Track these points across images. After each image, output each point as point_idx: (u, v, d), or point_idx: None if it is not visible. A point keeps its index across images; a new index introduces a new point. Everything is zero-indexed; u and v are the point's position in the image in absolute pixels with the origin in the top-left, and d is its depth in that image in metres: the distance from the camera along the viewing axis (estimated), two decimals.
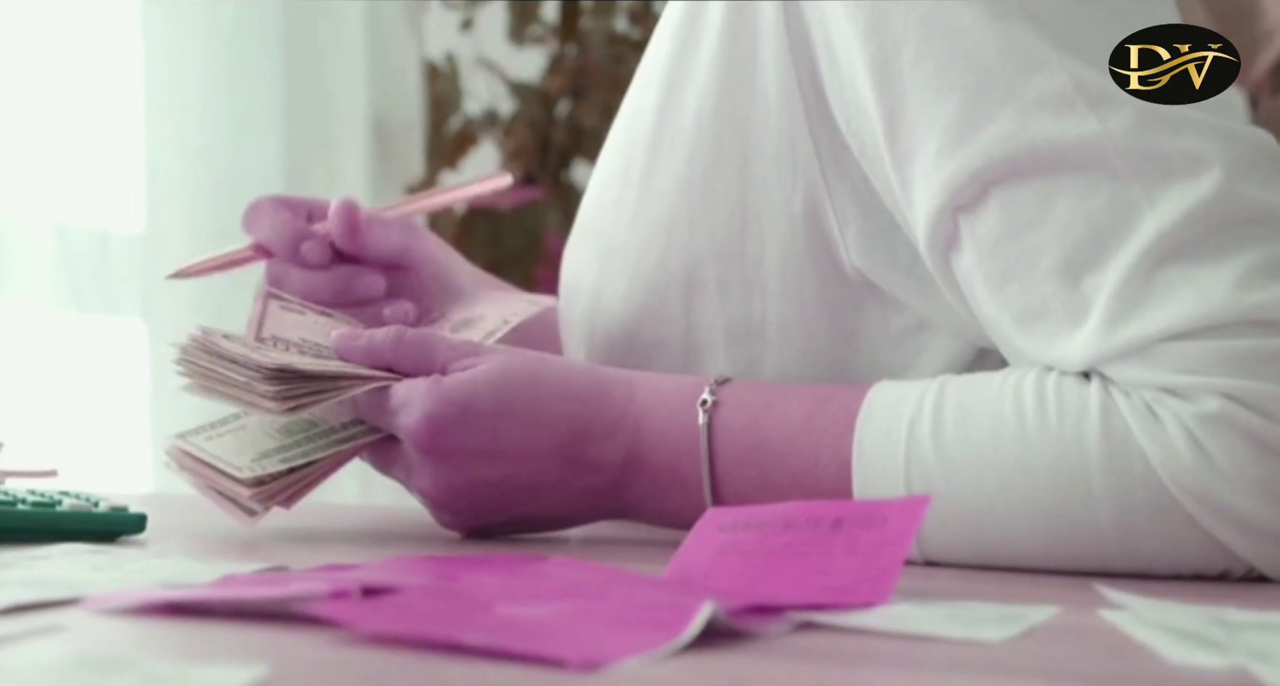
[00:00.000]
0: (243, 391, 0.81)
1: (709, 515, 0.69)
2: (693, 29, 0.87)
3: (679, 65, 0.87)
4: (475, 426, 0.79)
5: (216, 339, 0.83)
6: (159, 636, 0.52)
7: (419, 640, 0.49)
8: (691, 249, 0.86)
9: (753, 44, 0.83)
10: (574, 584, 0.60)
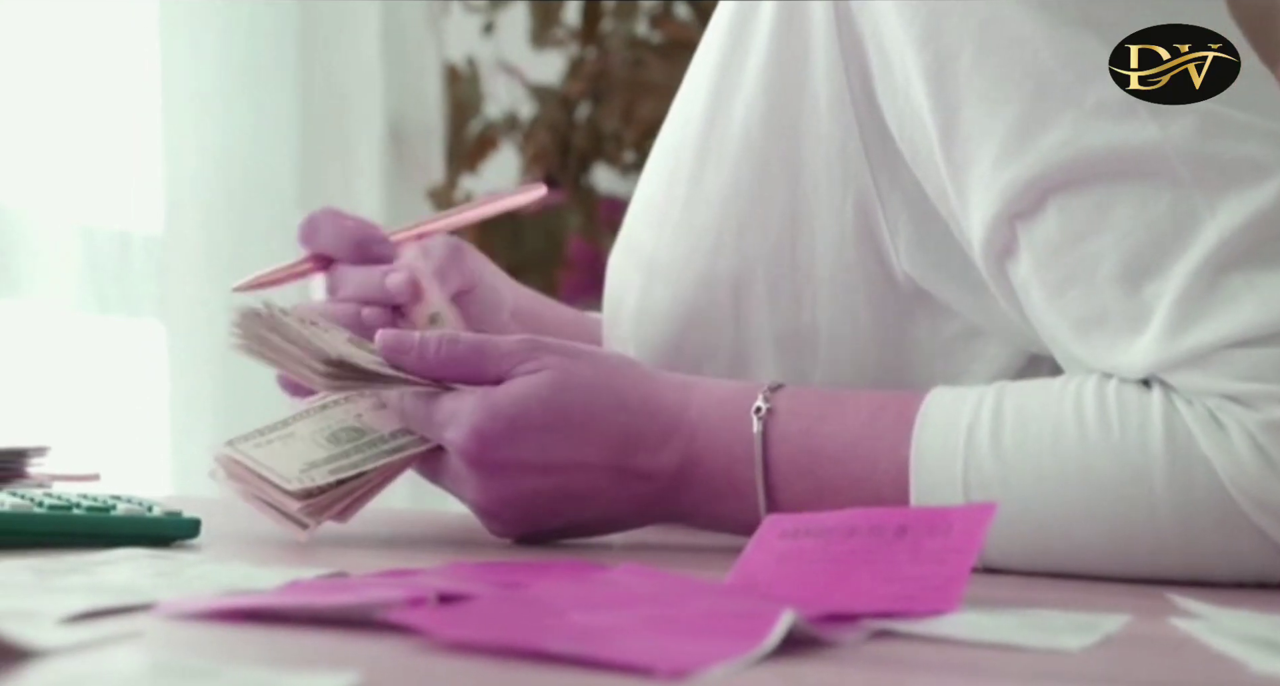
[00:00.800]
0: (292, 361, 0.81)
1: (769, 522, 0.68)
2: (741, 36, 0.86)
3: (727, 72, 0.87)
4: (524, 440, 0.78)
5: (278, 315, 0.83)
6: (236, 643, 0.52)
7: (503, 647, 0.48)
8: (740, 256, 0.86)
9: (804, 51, 0.83)
10: (646, 592, 0.59)
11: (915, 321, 0.84)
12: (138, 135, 1.84)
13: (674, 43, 2.45)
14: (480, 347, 0.81)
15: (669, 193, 0.90)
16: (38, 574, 0.64)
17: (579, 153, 2.49)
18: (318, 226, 0.94)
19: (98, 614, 0.55)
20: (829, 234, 0.84)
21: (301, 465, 0.81)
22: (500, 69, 2.53)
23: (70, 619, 0.53)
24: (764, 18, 0.85)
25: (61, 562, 0.66)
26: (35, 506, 0.76)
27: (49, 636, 0.48)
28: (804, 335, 0.85)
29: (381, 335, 0.82)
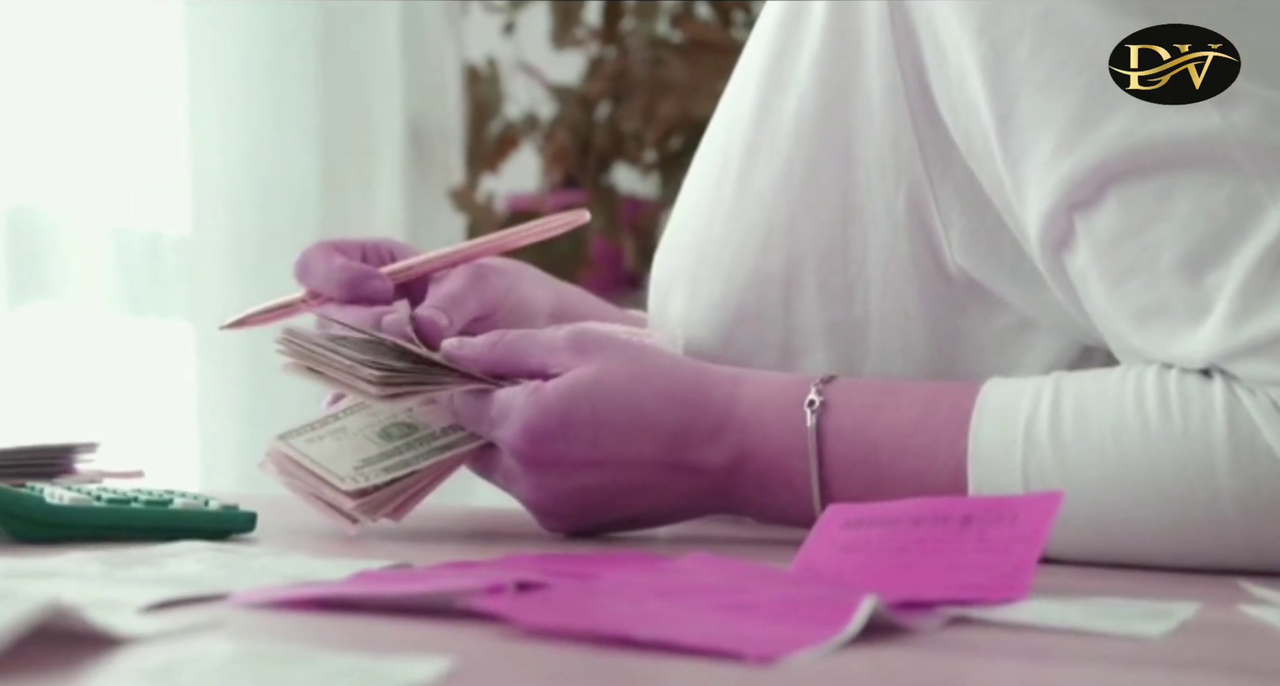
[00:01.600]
0: (343, 374, 0.81)
1: (831, 512, 0.68)
2: (793, 31, 0.86)
3: (778, 67, 0.87)
4: (575, 437, 0.78)
5: (320, 335, 0.83)
6: (317, 632, 0.52)
7: (586, 634, 0.49)
8: (791, 250, 0.86)
9: (856, 45, 0.83)
10: (717, 580, 0.60)
11: (967, 313, 0.84)
12: (165, 136, 1.85)
13: (695, 42, 2.45)
14: (526, 335, 0.81)
15: (717, 189, 0.90)
16: (106, 565, 0.64)
17: (599, 153, 2.49)
18: (309, 264, 0.90)
19: (173, 604, 0.55)
20: (881, 227, 0.84)
21: (355, 462, 0.81)
22: (520, 69, 2.53)
23: (148, 608, 0.54)
24: (816, 12, 0.85)
25: (125, 555, 0.66)
26: (94, 500, 0.76)
27: (135, 624, 0.49)
28: (854, 328, 0.85)
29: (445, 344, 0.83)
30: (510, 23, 2.48)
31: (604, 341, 0.81)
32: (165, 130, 1.85)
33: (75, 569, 0.63)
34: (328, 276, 0.90)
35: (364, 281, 0.89)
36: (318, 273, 0.90)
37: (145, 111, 1.81)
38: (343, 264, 0.90)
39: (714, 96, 2.62)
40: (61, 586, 0.58)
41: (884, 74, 0.82)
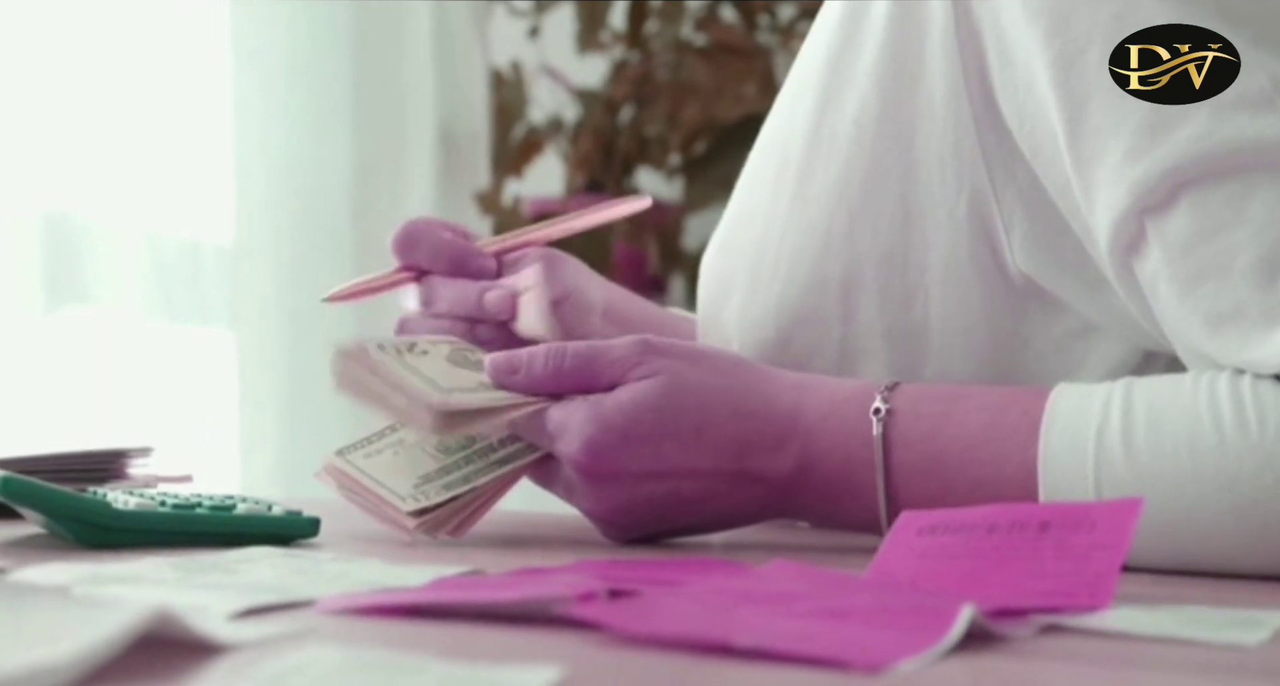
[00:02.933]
0: (401, 408, 0.80)
1: (904, 519, 0.68)
2: (853, 32, 0.86)
3: (838, 68, 0.86)
4: (637, 450, 0.78)
5: (376, 355, 0.82)
6: (414, 639, 0.52)
7: (688, 642, 0.48)
8: (850, 253, 0.86)
9: (919, 46, 0.82)
10: (802, 588, 0.59)
11: (1028, 318, 0.83)
12: (209, 142, 1.85)
13: (719, 46, 2.45)
14: (589, 356, 0.80)
15: (775, 191, 0.89)
16: (180, 571, 0.64)
17: (622, 156, 2.49)
18: (416, 239, 0.92)
19: (260, 610, 0.55)
20: (942, 230, 0.83)
21: (414, 480, 0.80)
22: (543, 73, 2.53)
23: (238, 614, 0.53)
24: (877, 13, 0.84)
25: (196, 561, 0.66)
26: (159, 505, 0.76)
27: (234, 631, 0.48)
28: (914, 332, 0.85)
29: (490, 360, 0.82)
30: (535, 27, 2.48)
31: (666, 348, 0.80)
32: (209, 136, 1.85)
33: (151, 574, 0.62)
34: (436, 251, 0.92)
35: (470, 258, 0.92)
36: (424, 247, 0.93)
37: (189, 118, 1.81)
38: (451, 239, 0.93)
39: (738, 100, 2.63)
40: (143, 592, 0.58)
41: (946, 76, 0.81)
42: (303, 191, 1.99)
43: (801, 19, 2.46)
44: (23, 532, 0.80)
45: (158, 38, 1.77)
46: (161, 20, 1.78)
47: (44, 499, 0.73)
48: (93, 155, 1.68)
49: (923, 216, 0.84)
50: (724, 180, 2.43)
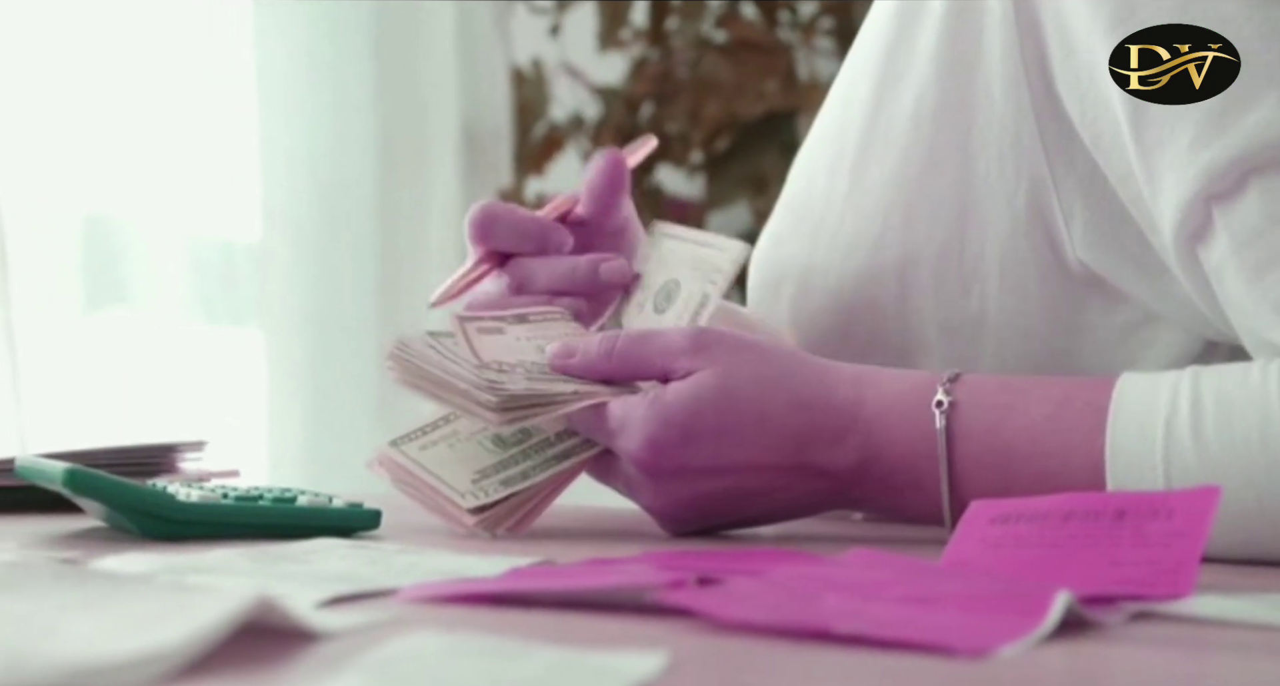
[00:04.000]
0: (460, 398, 0.79)
1: (975, 508, 0.68)
2: (910, 23, 0.86)
3: (895, 59, 0.86)
4: (698, 447, 0.77)
5: (433, 345, 0.82)
6: (508, 626, 0.51)
7: (785, 628, 0.48)
8: (907, 245, 0.85)
9: (977, 37, 0.82)
10: (887, 575, 0.59)
11: (1087, 308, 0.83)
12: (235, 143, 1.85)
13: (740, 42, 2.45)
14: (640, 341, 0.80)
15: (830, 183, 0.89)
16: (254, 561, 0.63)
17: None
18: (495, 221, 0.90)
19: (342, 600, 0.55)
20: (1000, 220, 0.83)
21: (471, 474, 0.80)
22: (564, 71, 2.52)
23: (324, 603, 0.53)
24: (933, 8, 0.84)
25: (267, 552, 0.66)
26: (222, 498, 0.75)
27: (328, 619, 0.48)
28: (971, 323, 0.85)
29: (550, 348, 0.82)
30: (556, 25, 2.47)
31: (725, 342, 0.80)
32: (235, 137, 1.85)
33: (227, 565, 0.62)
34: (519, 230, 0.90)
35: (550, 233, 0.90)
36: (504, 228, 0.90)
37: (216, 119, 1.82)
38: (529, 216, 0.91)
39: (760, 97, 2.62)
40: (225, 582, 0.57)
41: (1005, 65, 0.81)
42: (326, 190, 1.99)
43: (822, 15, 2.46)
44: (82, 526, 0.80)
45: (185, 41, 1.78)
46: (188, 23, 1.79)
47: (109, 491, 0.73)
48: (127, 157, 1.69)
49: (980, 207, 0.84)
50: (746, 177, 2.45)
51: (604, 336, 0.82)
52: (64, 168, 1.61)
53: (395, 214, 2.09)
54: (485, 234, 0.90)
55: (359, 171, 2.04)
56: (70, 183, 1.62)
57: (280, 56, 1.91)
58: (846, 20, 2.42)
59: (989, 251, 0.84)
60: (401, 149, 2.13)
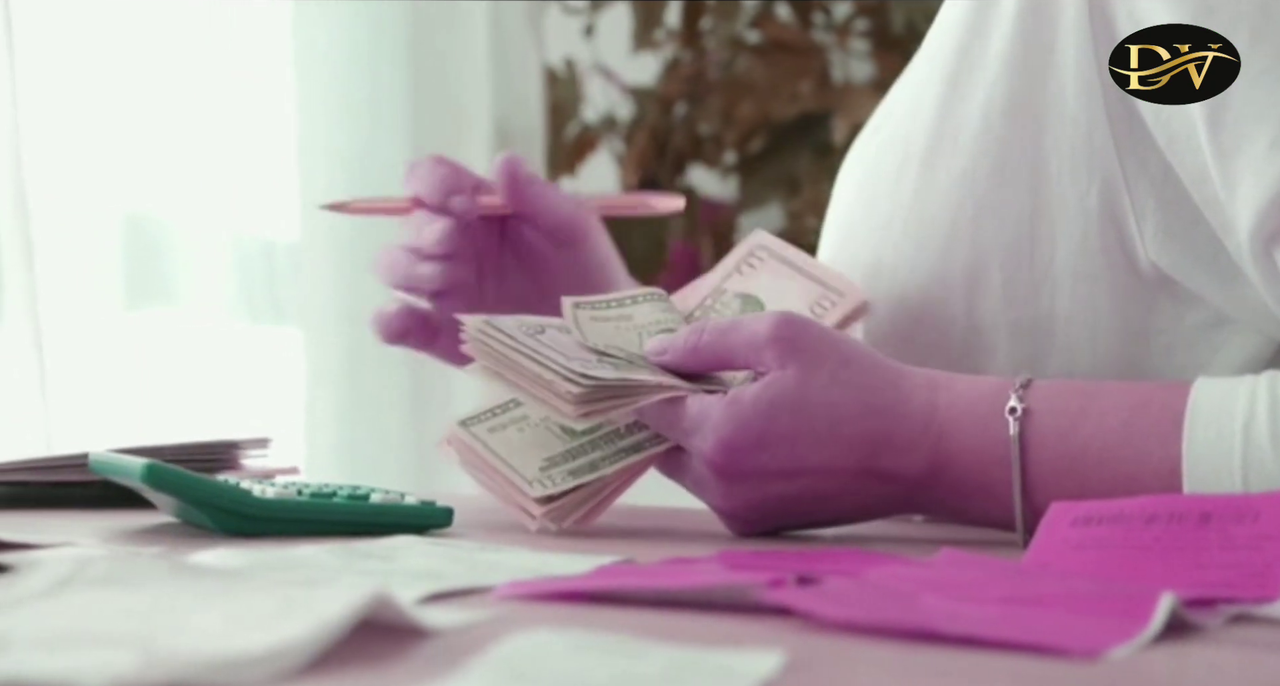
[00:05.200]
0: (539, 388, 0.79)
1: (1056, 510, 0.68)
2: (980, 23, 0.86)
3: (966, 57, 0.86)
4: (772, 450, 0.77)
5: (517, 331, 0.81)
6: (610, 624, 0.51)
7: (892, 628, 0.48)
8: (976, 246, 0.85)
9: (1051, 35, 0.82)
10: (980, 576, 0.59)
11: (1157, 310, 0.83)
12: (275, 141, 1.86)
13: (773, 43, 2.44)
14: (730, 337, 0.79)
15: (896, 184, 0.89)
16: (341, 557, 0.63)
17: (676, 154, 2.48)
18: (417, 167, 0.98)
19: (437, 597, 0.55)
20: (1072, 221, 0.83)
21: (540, 462, 0.79)
22: (596, 71, 2.52)
23: (422, 601, 0.53)
24: (1006, 8, 0.84)
25: (351, 548, 0.66)
26: (296, 494, 0.76)
27: (440, 617, 0.48)
28: (1040, 325, 0.84)
29: (648, 345, 0.82)
30: (590, 25, 2.47)
31: (806, 336, 0.78)
32: (274, 136, 1.85)
33: (315, 561, 0.62)
34: (427, 179, 0.97)
35: (451, 194, 0.96)
36: (420, 176, 0.97)
37: (256, 116, 1.82)
38: (446, 173, 0.97)
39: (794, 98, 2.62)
40: (320, 578, 0.58)
41: (1078, 66, 0.81)
42: (363, 189, 1.99)
43: (857, 17, 2.45)
44: (154, 521, 0.80)
45: (224, 39, 1.78)
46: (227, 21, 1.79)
47: (188, 487, 0.73)
48: (168, 155, 1.69)
49: (1052, 208, 0.84)
50: (779, 179, 2.44)
51: (691, 330, 0.81)
52: (103, 166, 1.61)
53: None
54: (409, 179, 0.98)
55: (394, 171, 2.04)
56: (110, 181, 1.62)
57: (318, 55, 1.91)
58: (881, 22, 2.41)
59: (1060, 252, 0.84)
60: (436, 148, 2.13)
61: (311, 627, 0.41)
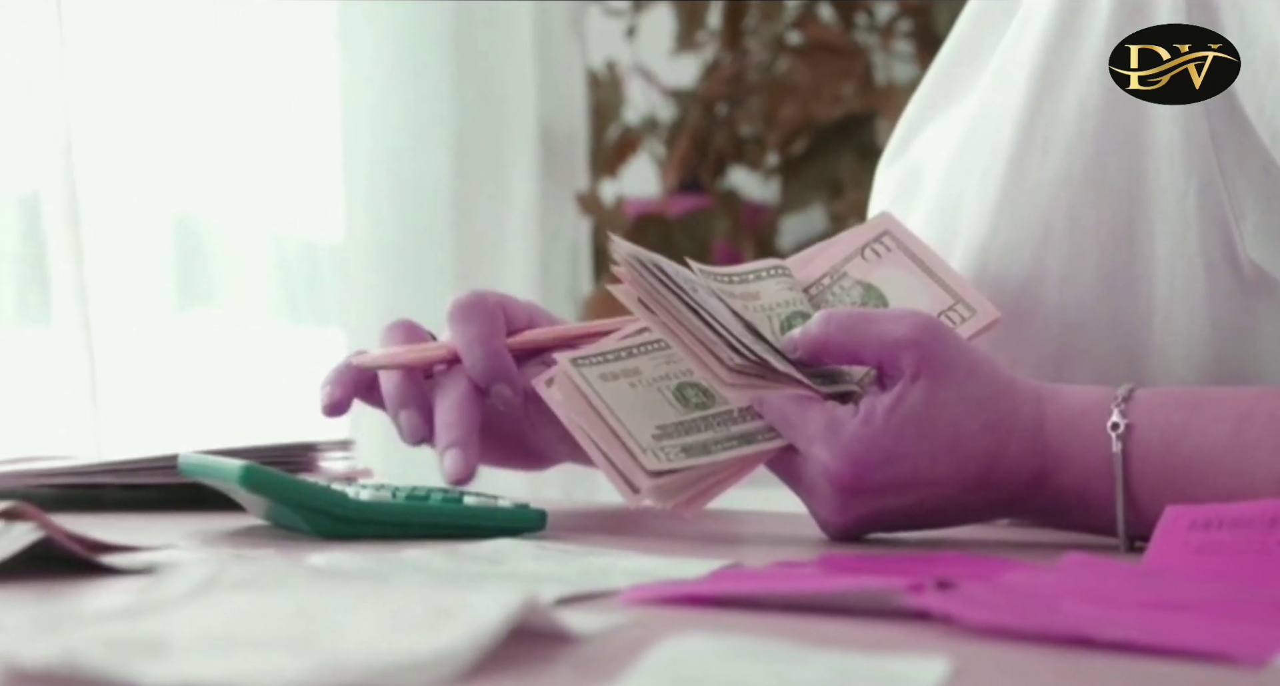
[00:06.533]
0: (692, 338, 0.75)
1: (1172, 514, 0.67)
2: (1071, 21, 0.84)
3: (1058, 56, 0.85)
4: (897, 466, 0.75)
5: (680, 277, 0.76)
6: (753, 627, 0.50)
7: (1044, 634, 0.47)
8: (1071, 247, 0.84)
9: None
10: (1114, 582, 0.58)
11: (1257, 312, 0.81)
12: (320, 143, 1.85)
13: (815, 44, 2.43)
14: (864, 329, 0.76)
15: (982, 184, 0.87)
16: (451, 560, 0.63)
17: (717, 156, 2.47)
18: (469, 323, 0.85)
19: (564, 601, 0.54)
20: (1170, 220, 0.82)
21: (653, 429, 0.75)
22: (636, 72, 2.52)
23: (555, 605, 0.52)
24: (1100, 5, 0.83)
25: (455, 552, 0.65)
26: (390, 497, 0.75)
27: (584, 622, 0.47)
28: (1137, 326, 0.83)
29: (788, 335, 0.79)
30: (632, 27, 2.47)
31: (942, 346, 0.76)
32: (319, 136, 1.85)
33: (426, 564, 0.61)
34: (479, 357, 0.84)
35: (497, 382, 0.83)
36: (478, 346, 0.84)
37: (300, 118, 1.81)
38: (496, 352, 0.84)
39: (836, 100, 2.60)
40: (439, 582, 0.57)
41: None
42: (406, 191, 1.98)
43: (900, 18, 2.44)
44: (245, 523, 0.79)
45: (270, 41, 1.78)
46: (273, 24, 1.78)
47: (285, 489, 0.72)
48: (213, 156, 1.68)
49: (1149, 207, 0.82)
50: (821, 180, 2.43)
51: (818, 321, 0.77)
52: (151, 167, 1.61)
53: (472, 215, 2.08)
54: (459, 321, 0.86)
55: (437, 173, 2.04)
56: (158, 183, 1.62)
57: (363, 58, 1.91)
58: (925, 23, 2.40)
59: (1158, 253, 0.82)
60: (479, 150, 2.13)
61: (472, 632, 0.40)
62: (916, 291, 0.84)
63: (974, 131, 0.91)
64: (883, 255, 0.85)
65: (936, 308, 0.82)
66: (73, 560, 0.58)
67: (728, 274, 0.83)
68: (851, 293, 0.85)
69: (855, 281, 0.85)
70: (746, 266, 0.84)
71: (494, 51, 2.14)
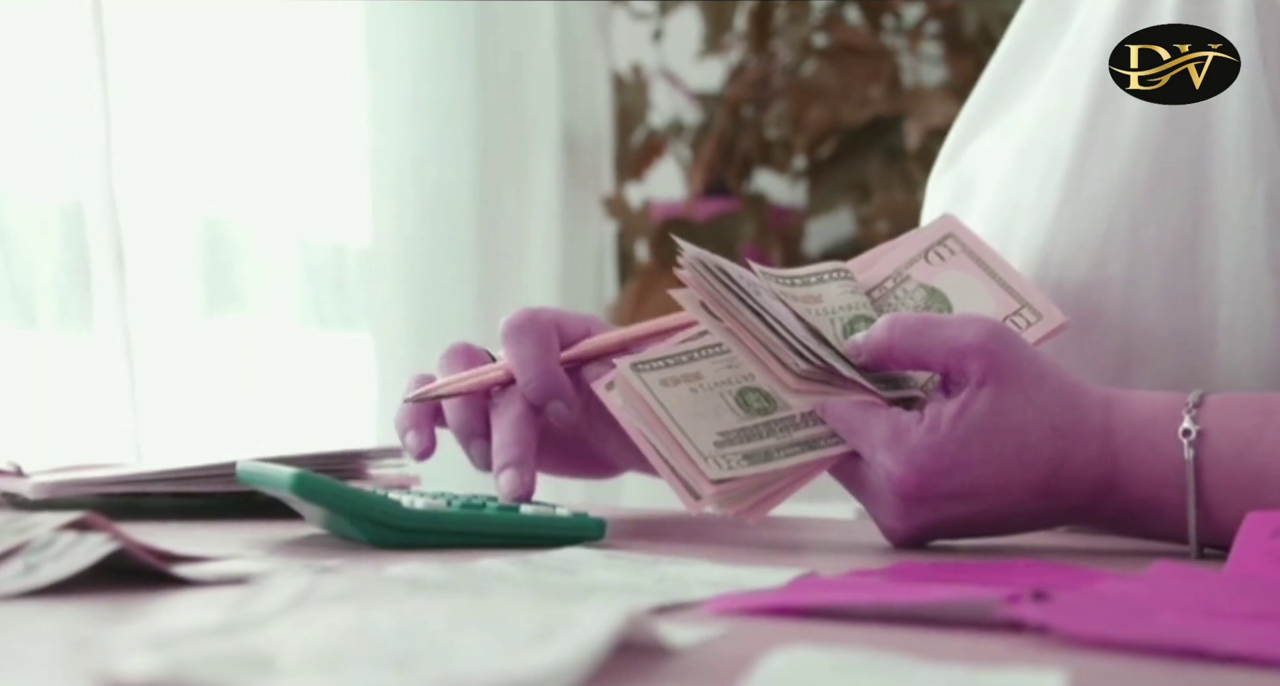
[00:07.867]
0: (756, 343, 0.74)
1: (1254, 521, 0.66)
2: (1134, 24, 0.83)
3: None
4: (963, 474, 0.74)
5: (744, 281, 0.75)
6: (848, 638, 0.49)
7: (1150, 646, 0.46)
8: (1133, 253, 0.82)
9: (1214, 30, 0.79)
10: (1210, 590, 0.57)
11: None
12: (346, 148, 1.84)
13: (842, 47, 2.42)
14: (930, 335, 0.75)
15: (1041, 190, 0.86)
16: (524, 570, 0.61)
17: (742, 159, 2.46)
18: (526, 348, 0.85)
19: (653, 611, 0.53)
20: (1235, 225, 0.80)
21: (714, 436, 0.75)
22: (661, 76, 2.50)
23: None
24: (1163, 10, 0.81)
25: (527, 562, 0.64)
26: (446, 506, 0.73)
27: (679, 634, 0.46)
28: (1201, 334, 0.82)
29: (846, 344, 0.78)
30: (659, 30, 2.45)
31: (1010, 353, 0.74)
32: (346, 142, 1.84)
33: (502, 574, 0.60)
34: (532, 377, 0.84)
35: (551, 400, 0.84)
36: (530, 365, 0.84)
37: (328, 123, 1.81)
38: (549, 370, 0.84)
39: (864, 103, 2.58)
40: (525, 593, 0.56)
41: (1245, 62, 0.78)
42: (432, 196, 1.97)
43: (928, 20, 2.43)
44: (302, 532, 0.78)
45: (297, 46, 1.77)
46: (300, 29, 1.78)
47: (340, 498, 0.71)
48: (241, 161, 1.68)
49: (1215, 213, 0.81)
50: (849, 183, 2.42)
51: (883, 326, 0.76)
52: (183, 172, 1.60)
53: (497, 219, 2.07)
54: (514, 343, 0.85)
55: (462, 177, 2.03)
56: (190, 187, 1.61)
57: (390, 62, 1.90)
58: (953, 25, 2.39)
59: (1223, 258, 0.81)
60: (504, 154, 2.12)
61: (579, 647, 0.39)
62: (981, 295, 0.82)
63: (1032, 140, 0.89)
64: (947, 258, 0.84)
65: (1002, 312, 0.81)
66: (134, 569, 0.57)
67: (790, 276, 0.82)
68: (915, 296, 0.83)
69: (919, 285, 0.84)
70: (808, 269, 0.83)
71: (518, 55, 2.13)
